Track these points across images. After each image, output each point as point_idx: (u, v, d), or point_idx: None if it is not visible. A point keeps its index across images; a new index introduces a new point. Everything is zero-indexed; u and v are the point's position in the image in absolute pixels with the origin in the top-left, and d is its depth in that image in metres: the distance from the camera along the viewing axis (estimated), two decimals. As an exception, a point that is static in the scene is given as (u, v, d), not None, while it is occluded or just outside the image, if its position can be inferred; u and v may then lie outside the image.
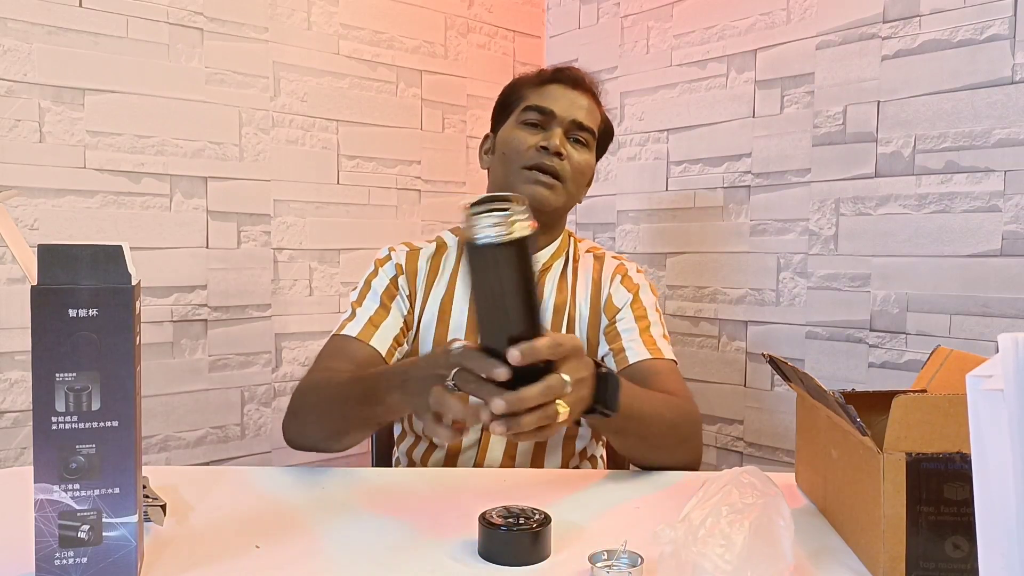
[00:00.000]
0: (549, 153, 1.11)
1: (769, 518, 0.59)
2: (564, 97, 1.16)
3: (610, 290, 1.18)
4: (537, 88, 1.18)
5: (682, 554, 0.58)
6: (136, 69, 1.48)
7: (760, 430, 1.68)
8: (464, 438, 1.13)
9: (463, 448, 1.13)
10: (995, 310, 1.33)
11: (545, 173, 1.11)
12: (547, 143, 1.12)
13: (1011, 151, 1.31)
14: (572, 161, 1.14)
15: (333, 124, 1.76)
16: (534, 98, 1.16)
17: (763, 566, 0.56)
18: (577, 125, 1.15)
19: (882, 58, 1.47)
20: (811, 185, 1.58)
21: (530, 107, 1.15)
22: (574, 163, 1.14)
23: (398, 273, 1.17)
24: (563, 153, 1.12)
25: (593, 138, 1.19)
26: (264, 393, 1.67)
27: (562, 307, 1.16)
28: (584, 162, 1.16)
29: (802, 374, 0.75)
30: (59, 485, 0.58)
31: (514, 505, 0.72)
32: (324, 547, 0.70)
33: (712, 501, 0.61)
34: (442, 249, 1.22)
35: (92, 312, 0.58)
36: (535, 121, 1.15)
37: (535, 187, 1.11)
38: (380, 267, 1.18)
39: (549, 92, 1.16)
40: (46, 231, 1.39)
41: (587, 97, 1.18)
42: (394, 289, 1.16)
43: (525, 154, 1.13)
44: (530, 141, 1.13)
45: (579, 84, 1.18)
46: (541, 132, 1.14)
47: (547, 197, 1.12)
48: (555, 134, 1.13)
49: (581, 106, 1.16)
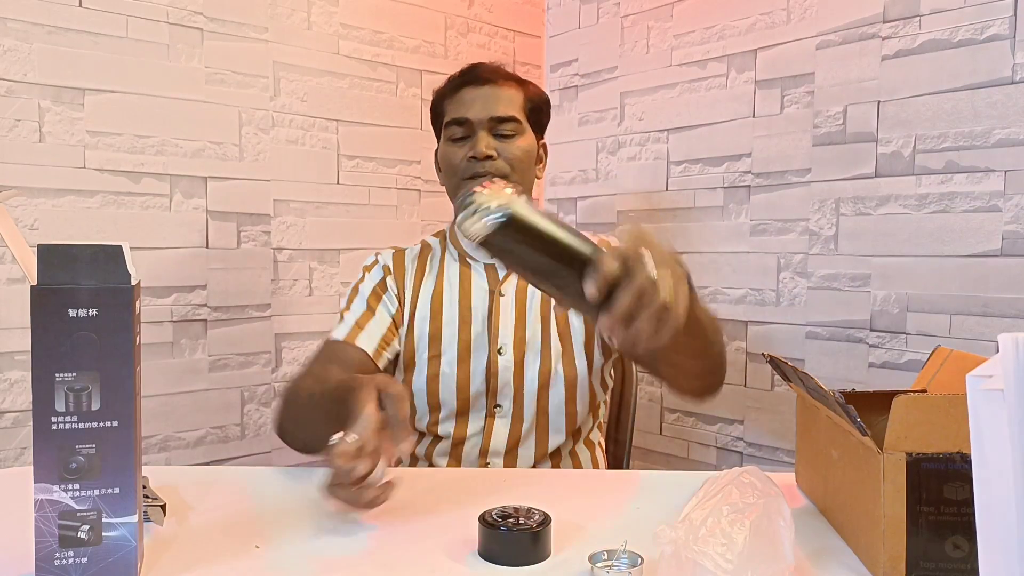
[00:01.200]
0: (478, 160, 1.13)
1: (770, 518, 0.59)
2: (477, 99, 1.16)
3: None
4: (452, 98, 1.18)
5: (682, 554, 0.58)
6: (136, 69, 1.48)
7: (760, 430, 1.68)
8: (468, 427, 1.15)
9: (468, 435, 1.14)
10: (995, 310, 1.33)
11: (483, 177, 1.11)
12: (474, 152, 1.13)
13: (1011, 151, 1.31)
14: (506, 154, 1.14)
15: (333, 124, 1.76)
16: (451, 110, 1.17)
17: (763, 566, 0.56)
18: (497, 120, 1.15)
19: (882, 58, 1.47)
20: (811, 185, 1.58)
21: (450, 121, 1.17)
22: (509, 155, 1.14)
23: (385, 274, 1.21)
24: (492, 155, 1.13)
25: (521, 123, 1.17)
26: (264, 393, 1.67)
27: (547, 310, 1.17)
28: (519, 148, 1.16)
29: (802, 374, 0.75)
30: (59, 485, 0.58)
31: (514, 505, 0.72)
32: (324, 547, 0.70)
33: (712, 501, 0.61)
34: (427, 250, 1.25)
35: (92, 312, 0.58)
36: (459, 135, 1.16)
37: None
38: (367, 272, 1.22)
39: (462, 99, 1.17)
40: (46, 231, 1.39)
41: (501, 87, 1.17)
42: (381, 291, 1.19)
43: (460, 169, 1.15)
44: (460, 154, 1.15)
45: (488, 79, 1.17)
46: (467, 142, 1.15)
47: None
48: (479, 139, 1.13)
49: (496, 99, 1.16)
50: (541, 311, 1.17)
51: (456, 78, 1.20)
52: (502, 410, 1.14)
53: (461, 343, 1.15)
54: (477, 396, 1.14)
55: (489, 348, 1.14)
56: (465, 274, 1.19)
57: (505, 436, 1.14)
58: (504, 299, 1.17)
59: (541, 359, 1.15)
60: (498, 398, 1.14)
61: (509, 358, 1.14)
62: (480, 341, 1.15)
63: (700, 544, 0.57)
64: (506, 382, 1.14)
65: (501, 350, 1.14)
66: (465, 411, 1.15)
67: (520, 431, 1.14)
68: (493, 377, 1.13)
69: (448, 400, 1.14)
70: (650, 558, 0.64)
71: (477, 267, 1.20)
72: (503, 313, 1.16)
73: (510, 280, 1.18)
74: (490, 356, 1.14)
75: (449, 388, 1.14)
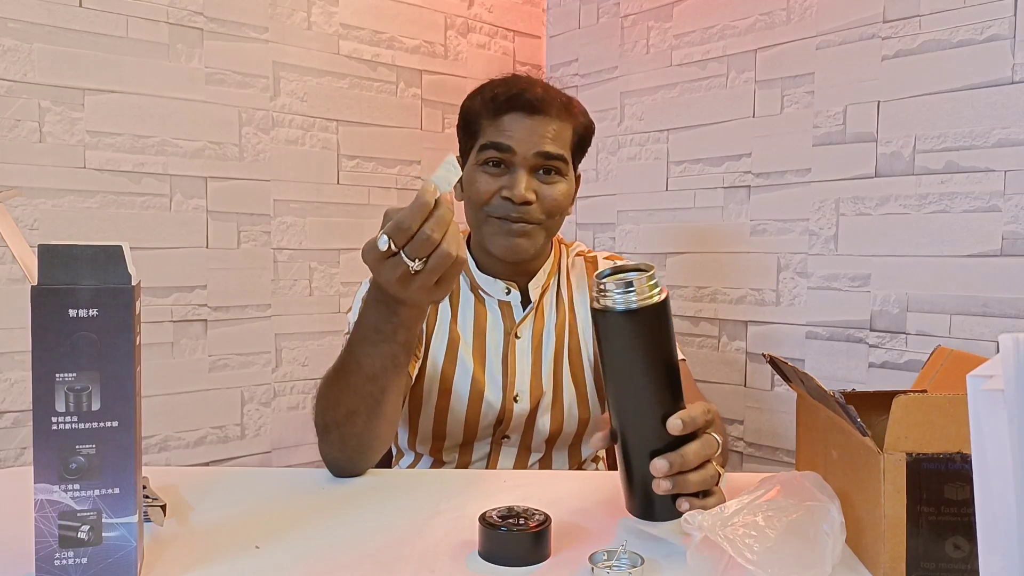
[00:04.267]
0: (515, 204, 1.01)
1: (814, 523, 0.59)
2: (523, 128, 1.02)
3: None
4: (492, 120, 1.04)
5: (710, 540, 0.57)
6: (136, 69, 1.48)
7: (760, 430, 1.68)
8: (473, 454, 1.12)
9: (473, 460, 1.12)
10: (995, 310, 1.33)
11: (516, 223, 1.03)
12: (510, 193, 1.01)
13: (1011, 151, 1.31)
14: (544, 200, 1.03)
15: (333, 124, 1.76)
16: (491, 133, 1.03)
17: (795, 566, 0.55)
18: (543, 156, 1.02)
19: (882, 58, 1.47)
20: (811, 185, 1.58)
21: (487, 145, 1.03)
22: (548, 202, 1.03)
23: None
24: (531, 200, 1.02)
25: (567, 162, 1.06)
26: (264, 393, 1.67)
27: (562, 325, 1.13)
28: (559, 194, 1.05)
29: (802, 374, 0.75)
30: (59, 485, 0.58)
31: (514, 505, 0.72)
32: (324, 547, 0.70)
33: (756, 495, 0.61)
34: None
35: (92, 312, 0.58)
36: (495, 159, 1.03)
37: (508, 239, 1.03)
38: None
39: (506, 125, 1.02)
40: (46, 231, 1.39)
41: (552, 119, 1.03)
42: None
43: (490, 203, 1.03)
44: (492, 187, 1.03)
45: (538, 108, 1.02)
46: (505, 174, 1.03)
47: (524, 246, 1.04)
48: (518, 179, 1.01)
49: (545, 134, 1.02)
50: (555, 353, 1.11)
51: (501, 99, 1.04)
52: (510, 441, 1.12)
53: (475, 384, 1.08)
54: (486, 429, 1.10)
55: (504, 395, 1.09)
56: (480, 311, 1.11)
57: (511, 465, 1.12)
58: (520, 342, 1.10)
59: (554, 405, 1.10)
60: (508, 432, 1.11)
61: (525, 405, 1.09)
62: (495, 385, 1.09)
63: (729, 532, 0.57)
64: (519, 424, 1.11)
65: (517, 398, 1.09)
66: (471, 440, 1.11)
67: (527, 462, 1.13)
68: (507, 421, 1.10)
69: (455, 433, 1.09)
70: (650, 558, 0.64)
71: (491, 303, 1.12)
72: (519, 358, 1.10)
73: (526, 322, 1.12)
74: (505, 403, 1.09)
75: (458, 423, 1.09)
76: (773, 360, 0.85)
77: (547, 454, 1.14)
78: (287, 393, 1.70)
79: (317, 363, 1.75)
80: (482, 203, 1.04)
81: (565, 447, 1.15)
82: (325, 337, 1.76)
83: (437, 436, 1.10)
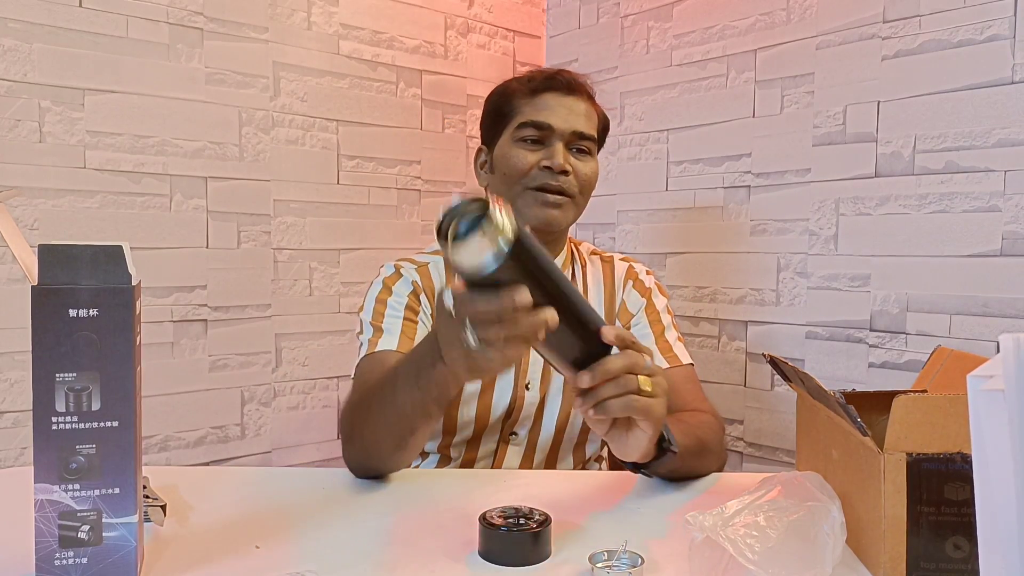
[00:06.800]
0: (554, 172, 1.06)
1: (815, 523, 0.59)
2: (560, 106, 1.09)
3: (623, 296, 1.17)
4: (530, 99, 1.10)
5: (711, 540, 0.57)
6: (136, 69, 1.48)
7: (760, 430, 1.68)
8: (479, 451, 1.12)
9: (479, 458, 1.12)
10: (995, 310, 1.33)
11: (552, 193, 1.07)
12: (550, 162, 1.06)
13: (1011, 151, 1.31)
14: (579, 174, 1.09)
15: (333, 124, 1.76)
16: (529, 111, 1.09)
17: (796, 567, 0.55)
18: (578, 135, 1.09)
19: (882, 58, 1.47)
20: (811, 185, 1.58)
21: (526, 123, 1.09)
22: (581, 176, 1.09)
23: (416, 290, 1.10)
24: (568, 170, 1.07)
25: (595, 144, 1.13)
26: (264, 393, 1.67)
27: None
28: (591, 171, 1.11)
29: (802, 374, 0.75)
30: (59, 485, 0.58)
31: (514, 505, 0.72)
32: (324, 547, 0.70)
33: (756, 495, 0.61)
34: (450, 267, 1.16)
35: (92, 312, 0.58)
36: (534, 137, 1.09)
37: (545, 209, 1.07)
38: (392, 285, 1.10)
39: (544, 103, 1.09)
40: (46, 231, 1.39)
41: (584, 101, 1.11)
42: (415, 305, 1.09)
43: (528, 174, 1.08)
44: (531, 160, 1.08)
45: (574, 89, 1.11)
46: (541, 148, 1.08)
47: (557, 218, 1.08)
48: (557, 151, 1.07)
49: (579, 113, 1.10)
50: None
51: (539, 79, 1.11)
52: (517, 438, 1.12)
53: None
54: (495, 423, 1.11)
55: (516, 383, 1.10)
56: None
57: (516, 464, 1.12)
58: None
59: (563, 397, 1.12)
60: (516, 427, 1.12)
61: (535, 394, 1.11)
62: (507, 373, 1.10)
63: (730, 532, 0.57)
64: (528, 416, 1.11)
65: (529, 385, 1.10)
66: (480, 435, 1.11)
67: (532, 460, 1.13)
68: (517, 411, 1.10)
69: (465, 427, 1.09)
70: (650, 558, 0.64)
71: None
72: None
73: None
74: (516, 392, 1.10)
75: (468, 416, 1.09)
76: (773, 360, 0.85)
77: (553, 455, 1.14)
78: (287, 393, 1.70)
79: (317, 363, 1.75)
80: (520, 175, 1.08)
81: (570, 447, 1.15)
82: (325, 337, 1.76)
83: (447, 431, 1.10)
